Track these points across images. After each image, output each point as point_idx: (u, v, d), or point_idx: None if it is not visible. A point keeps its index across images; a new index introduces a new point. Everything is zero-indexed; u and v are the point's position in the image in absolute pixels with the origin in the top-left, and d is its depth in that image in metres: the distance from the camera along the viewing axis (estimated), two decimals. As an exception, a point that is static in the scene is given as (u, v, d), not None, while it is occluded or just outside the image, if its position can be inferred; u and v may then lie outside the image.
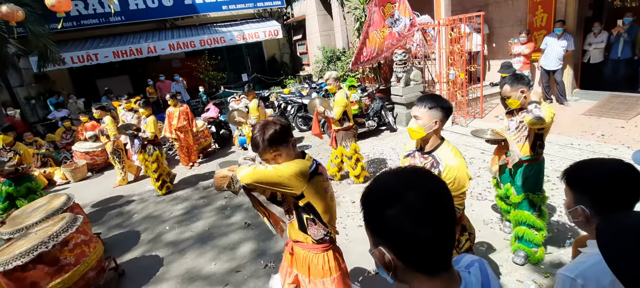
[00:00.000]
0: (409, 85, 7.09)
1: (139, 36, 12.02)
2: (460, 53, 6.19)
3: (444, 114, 1.80)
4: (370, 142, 6.70)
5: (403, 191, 0.70)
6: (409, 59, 7.02)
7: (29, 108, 11.39)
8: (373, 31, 7.43)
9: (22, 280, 2.69)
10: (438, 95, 1.93)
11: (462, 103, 6.52)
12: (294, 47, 15.09)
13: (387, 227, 0.70)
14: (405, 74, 6.96)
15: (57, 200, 3.63)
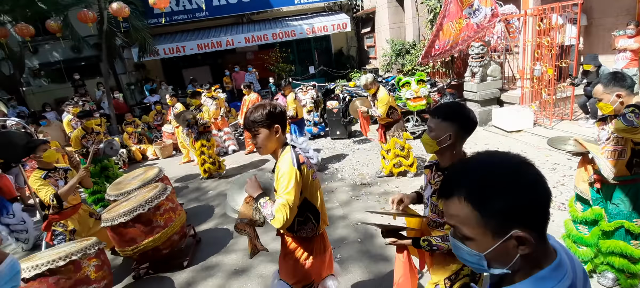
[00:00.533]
0: (485, 81, 6.58)
1: (219, 30, 13.09)
2: (550, 46, 5.54)
3: (460, 127, 1.55)
4: (437, 140, 6.41)
5: (517, 165, 0.71)
6: (487, 53, 6.50)
7: (129, 93, 13.27)
8: (448, 23, 7.02)
9: (123, 235, 3.21)
10: (459, 104, 1.67)
11: (547, 102, 5.85)
12: (361, 40, 14.99)
13: (527, 199, 0.68)
14: (481, 68, 6.47)
15: (151, 171, 4.22)
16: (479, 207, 0.69)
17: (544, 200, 0.70)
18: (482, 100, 6.57)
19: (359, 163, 5.77)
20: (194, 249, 3.80)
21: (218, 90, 8.46)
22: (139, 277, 3.46)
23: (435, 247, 1.61)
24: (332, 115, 7.40)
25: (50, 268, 2.49)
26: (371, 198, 4.44)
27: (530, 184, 0.69)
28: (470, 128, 1.58)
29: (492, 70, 6.57)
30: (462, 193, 0.71)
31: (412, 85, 6.31)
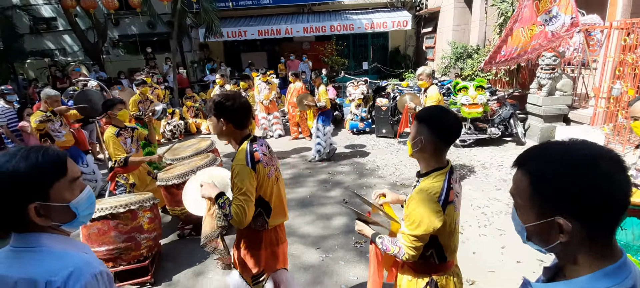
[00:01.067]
0: (552, 96, 6.03)
1: (280, 18, 13.49)
2: (635, 65, 4.91)
3: (432, 132, 1.42)
4: (490, 151, 6.03)
5: (596, 157, 0.70)
6: (559, 65, 5.94)
7: (192, 70, 14.24)
8: (519, 28, 6.52)
9: (174, 196, 3.51)
10: (440, 109, 1.54)
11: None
12: (420, 40, 14.49)
13: (583, 194, 0.68)
14: (551, 81, 5.94)
15: (204, 142, 4.53)
16: (533, 183, 0.73)
17: (609, 199, 0.67)
18: (546, 115, 6.04)
19: (402, 163, 5.65)
20: (233, 220, 4.04)
21: (272, 75, 8.75)
22: (183, 236, 3.78)
23: (383, 247, 1.56)
24: (381, 112, 7.30)
25: (112, 213, 2.83)
26: (410, 200, 4.34)
27: (593, 179, 0.68)
28: (444, 135, 1.44)
29: (563, 85, 5.99)
30: (525, 165, 0.76)
31: (470, 91, 6.00)
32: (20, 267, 0.87)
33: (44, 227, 0.91)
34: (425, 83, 4.34)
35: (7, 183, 0.85)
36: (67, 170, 0.94)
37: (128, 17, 13.80)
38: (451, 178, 1.46)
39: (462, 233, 3.50)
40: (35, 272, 0.85)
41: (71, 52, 14.11)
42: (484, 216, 3.84)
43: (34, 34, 13.56)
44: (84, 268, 0.88)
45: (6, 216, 0.87)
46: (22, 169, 0.86)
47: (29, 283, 0.85)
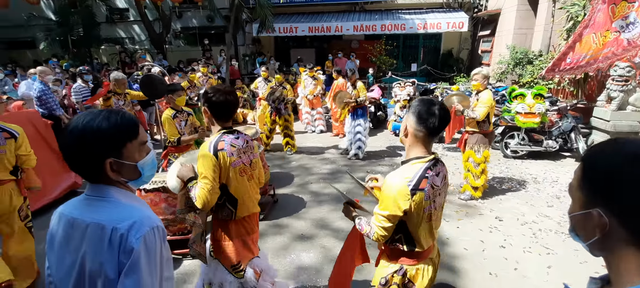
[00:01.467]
0: (623, 110, 5.42)
1: (331, 16, 13.59)
2: None
3: (417, 121, 1.48)
4: (544, 165, 5.58)
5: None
6: (634, 77, 5.32)
7: (244, 63, 14.90)
8: (590, 34, 5.92)
9: (219, 177, 3.73)
10: (428, 100, 1.53)
11: None
12: (476, 43, 13.75)
13: (624, 191, 0.66)
14: (622, 94, 5.34)
15: (249, 130, 4.75)
16: (584, 171, 0.74)
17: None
18: (614, 131, 5.44)
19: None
20: (270, 207, 4.20)
21: (319, 71, 8.88)
22: (224, 217, 3.99)
23: (359, 226, 1.66)
24: (426, 115, 7.07)
25: (163, 186, 3.09)
26: (449, 207, 4.18)
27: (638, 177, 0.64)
28: (427, 126, 1.47)
29: (636, 99, 5.36)
30: (586, 153, 0.76)
31: (527, 99, 5.58)
32: (92, 213, 1.01)
33: (114, 181, 1.05)
34: (479, 85, 4.06)
35: (92, 138, 0.98)
36: (139, 134, 1.08)
37: (190, 11, 14.79)
38: (429, 169, 1.50)
39: (503, 248, 3.31)
40: (104, 219, 0.99)
41: (139, 41, 15.48)
42: (530, 232, 3.58)
43: (109, 23, 15.09)
44: (144, 220, 1.00)
45: (87, 167, 1.02)
46: (104, 128, 0.99)
47: (98, 227, 0.98)
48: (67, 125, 1.01)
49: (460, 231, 3.63)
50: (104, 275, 0.97)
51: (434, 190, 1.52)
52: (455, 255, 3.22)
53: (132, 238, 0.96)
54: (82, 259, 0.99)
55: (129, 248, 0.96)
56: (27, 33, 14.75)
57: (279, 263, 3.13)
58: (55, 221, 1.07)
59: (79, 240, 1.00)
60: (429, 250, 1.62)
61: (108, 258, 0.96)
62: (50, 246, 1.07)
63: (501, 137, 5.98)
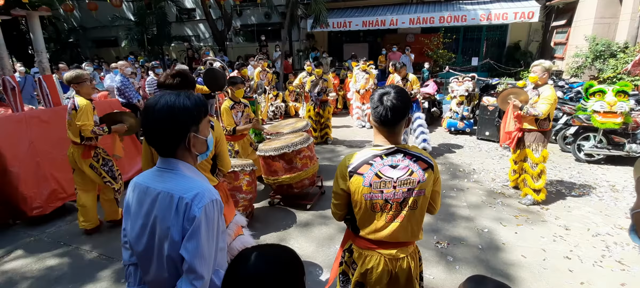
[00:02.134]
0: None
1: (386, 9, 13.27)
2: None
3: (371, 110, 1.53)
4: (625, 171, 4.92)
5: None
6: None
7: (297, 58, 15.24)
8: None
9: (270, 166, 3.92)
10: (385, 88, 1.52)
11: None
12: (548, 35, 12.43)
13: None
14: None
15: (300, 122, 4.90)
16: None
17: None
18: None
19: (504, 171, 5.06)
20: (317, 198, 4.29)
21: (371, 66, 8.77)
22: (273, 205, 4.20)
23: None
24: (486, 112, 6.62)
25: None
26: (507, 210, 3.89)
27: None
28: (374, 114, 1.49)
29: None
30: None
31: (607, 96, 4.94)
32: (163, 182, 1.16)
33: (185, 155, 1.20)
34: (536, 78, 3.66)
35: (180, 112, 1.13)
36: (208, 112, 1.25)
37: (249, 8, 15.51)
38: (379, 157, 1.49)
39: (569, 259, 3.01)
40: (173, 188, 1.13)
41: (203, 38, 16.65)
42: (603, 244, 3.19)
43: (178, 22, 16.44)
44: (206, 193, 1.13)
45: (172, 139, 1.15)
46: (188, 104, 1.15)
47: (168, 196, 1.12)
48: (151, 104, 1.14)
49: (518, 237, 3.37)
50: (170, 238, 1.11)
51: (381, 180, 1.48)
52: (511, 262, 3.00)
53: (195, 207, 1.08)
54: (153, 222, 1.14)
55: (192, 215, 1.08)
56: (111, 33, 16.74)
57: (324, 253, 3.21)
58: (130, 189, 1.24)
59: (151, 206, 1.15)
60: (380, 244, 1.56)
61: (174, 223, 1.10)
62: (126, 211, 1.25)
63: (574, 138, 5.38)
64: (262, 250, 0.93)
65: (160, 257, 1.15)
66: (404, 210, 1.51)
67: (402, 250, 1.57)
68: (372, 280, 1.60)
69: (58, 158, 4.07)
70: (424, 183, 1.50)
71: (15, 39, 14.73)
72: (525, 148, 3.89)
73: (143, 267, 1.22)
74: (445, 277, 2.85)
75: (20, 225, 3.98)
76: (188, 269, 1.10)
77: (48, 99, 4.48)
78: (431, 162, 1.53)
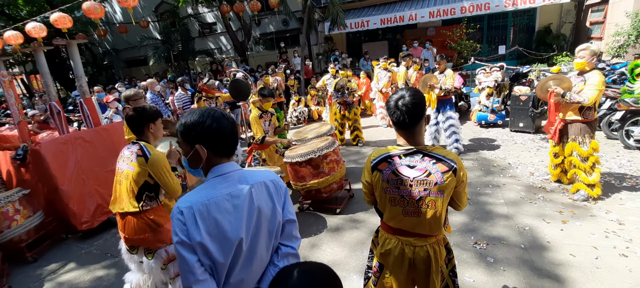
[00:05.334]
0: None
1: (404, 4, 13.01)
2: None
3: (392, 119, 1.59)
4: (685, 157, 4.48)
5: None
6: None
7: (317, 61, 15.27)
8: None
9: (297, 172, 3.91)
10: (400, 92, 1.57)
11: None
12: (582, 15, 11.67)
13: None
14: None
15: (324, 127, 4.86)
16: None
17: None
18: None
19: (543, 164, 4.76)
20: (346, 201, 4.23)
21: (392, 63, 8.60)
22: (302, 210, 4.19)
23: None
24: (518, 102, 6.28)
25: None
26: (550, 206, 3.64)
27: None
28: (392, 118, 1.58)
29: None
30: None
31: (656, 76, 4.54)
32: (246, 179, 1.29)
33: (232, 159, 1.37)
34: (584, 64, 3.36)
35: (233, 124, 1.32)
36: None
37: (267, 17, 15.76)
38: (397, 157, 1.59)
39: (626, 257, 2.76)
40: (259, 178, 1.32)
41: (225, 50, 17.09)
42: (664, 239, 2.91)
43: (201, 37, 17.00)
44: (273, 173, 1.40)
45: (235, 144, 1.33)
46: None
47: (262, 185, 1.31)
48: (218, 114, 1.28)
49: (564, 234, 3.14)
50: (274, 213, 1.33)
51: (397, 178, 1.58)
52: (559, 262, 2.80)
53: (280, 182, 1.38)
54: (258, 208, 1.28)
55: (284, 188, 1.38)
56: (141, 52, 17.58)
57: (356, 258, 3.14)
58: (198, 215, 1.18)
59: (248, 200, 1.26)
60: (399, 231, 1.69)
61: (276, 200, 1.34)
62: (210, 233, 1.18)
63: (621, 124, 4.98)
64: (305, 266, 0.97)
65: (267, 239, 1.31)
66: (421, 207, 1.58)
67: (420, 240, 1.65)
68: (389, 263, 1.73)
69: (101, 175, 4.31)
70: (443, 185, 1.53)
71: (57, 65, 15.81)
72: (570, 142, 3.60)
73: (244, 266, 1.27)
74: (486, 279, 2.70)
75: (71, 239, 4.26)
76: (294, 227, 1.40)
77: (89, 120, 4.73)
78: (455, 165, 1.54)
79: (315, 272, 0.95)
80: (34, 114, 5.80)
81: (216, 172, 1.27)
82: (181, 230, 1.16)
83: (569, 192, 3.82)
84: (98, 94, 7.06)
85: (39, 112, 5.80)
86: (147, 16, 16.26)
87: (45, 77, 4.69)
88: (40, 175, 4.09)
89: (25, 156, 4.11)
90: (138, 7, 16.32)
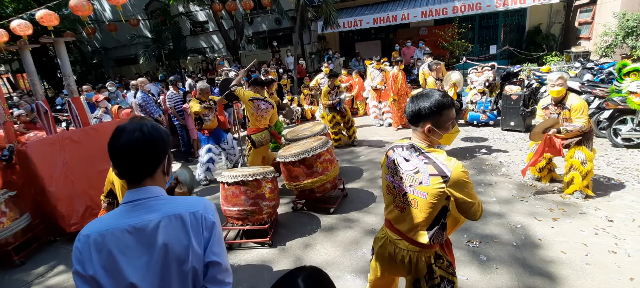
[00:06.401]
0: None
1: (397, 4, 13.05)
2: None
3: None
4: (671, 155, 4.58)
5: None
6: None
7: (310, 61, 15.24)
8: None
9: (291, 171, 3.89)
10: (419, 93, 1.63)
11: None
12: (571, 15, 11.86)
13: None
14: None
15: (318, 126, 4.85)
16: None
17: None
18: None
19: (534, 162, 4.81)
20: (340, 201, 4.22)
21: (385, 63, 8.63)
22: (296, 210, 4.17)
23: None
24: (510, 102, 6.35)
25: (243, 180, 3.34)
26: (541, 204, 3.69)
27: None
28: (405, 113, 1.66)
29: None
30: None
31: (643, 76, 4.63)
32: (155, 211, 1.08)
33: (160, 179, 1.17)
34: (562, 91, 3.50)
35: (164, 133, 1.16)
36: None
37: (260, 16, 15.66)
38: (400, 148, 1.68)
39: (614, 253, 2.81)
40: (176, 209, 1.11)
41: (217, 49, 16.94)
42: (651, 235, 2.97)
43: (192, 36, 16.81)
44: (207, 202, 1.19)
45: (159, 161, 1.14)
46: (162, 130, 1.17)
47: (173, 218, 1.09)
48: (136, 127, 1.10)
49: (555, 231, 3.18)
50: (191, 254, 1.09)
51: (394, 167, 1.68)
52: (550, 259, 2.83)
53: (209, 215, 1.15)
54: (164, 249, 1.06)
55: (209, 223, 1.14)
56: (131, 51, 17.33)
57: (350, 257, 3.14)
58: (93, 245, 1.04)
59: (152, 237, 1.06)
60: (388, 224, 1.77)
61: (194, 237, 1.10)
62: (104, 268, 1.03)
63: (609, 123, 5.07)
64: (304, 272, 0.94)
65: (179, 284, 1.09)
66: (405, 203, 1.64)
67: (400, 240, 1.69)
68: (376, 250, 1.84)
69: (90, 176, 4.21)
70: (427, 187, 1.53)
71: (44, 64, 15.49)
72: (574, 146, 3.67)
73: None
74: (479, 277, 2.71)
75: (60, 242, 4.17)
76: (219, 270, 1.13)
77: (77, 119, 4.64)
78: (448, 174, 1.48)
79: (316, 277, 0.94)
80: (20, 114, 5.66)
81: (126, 198, 1.11)
82: (77, 259, 1.03)
83: (563, 193, 3.83)
84: (87, 93, 6.93)
85: (25, 112, 5.67)
86: (137, 14, 16.03)
87: (32, 75, 4.59)
88: (27, 177, 4.00)
89: (11, 157, 4.01)
90: (128, 5, 16.06)
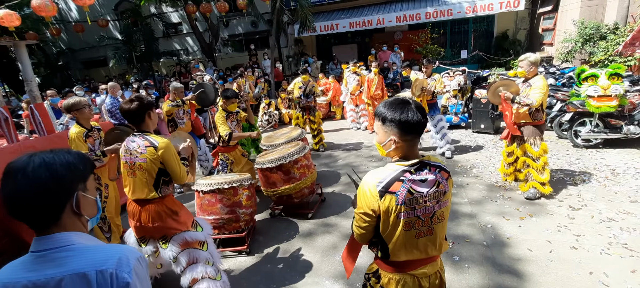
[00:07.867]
0: None
1: (372, 8, 13.29)
2: None
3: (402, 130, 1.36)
4: (624, 154, 4.92)
5: None
6: None
7: (287, 64, 15.21)
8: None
9: (268, 178, 3.86)
10: (404, 100, 1.40)
11: None
12: (535, 22, 12.53)
13: None
14: None
15: (295, 131, 4.84)
16: None
17: None
18: None
19: (503, 163, 5.04)
20: (318, 206, 4.24)
21: (361, 67, 8.75)
22: (274, 216, 4.14)
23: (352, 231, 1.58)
24: (479, 105, 6.62)
25: (219, 188, 3.28)
26: (510, 204, 3.86)
27: None
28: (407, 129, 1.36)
29: None
30: None
31: (601, 80, 4.94)
32: (59, 267, 0.90)
33: (72, 224, 0.98)
34: (524, 73, 3.73)
35: (65, 168, 0.94)
36: (94, 166, 1.05)
37: (236, 18, 15.47)
38: (408, 173, 1.38)
39: (575, 249, 2.98)
40: (82, 266, 0.90)
41: (192, 52, 16.57)
42: (608, 231, 3.17)
43: (165, 38, 16.36)
44: (129, 253, 0.97)
45: (59, 204, 0.94)
46: (71, 159, 0.97)
47: (77, 277, 0.89)
48: (20, 166, 0.91)
49: (522, 230, 3.34)
50: None
51: (412, 197, 1.37)
52: (518, 257, 2.97)
53: (124, 274, 0.92)
54: None
55: (123, 283, 0.92)
56: (100, 53, 16.63)
57: (328, 262, 3.15)
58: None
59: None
60: (411, 264, 1.47)
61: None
62: None
63: (570, 125, 5.39)
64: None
65: None
66: (433, 224, 1.44)
67: (432, 266, 1.51)
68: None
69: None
70: (449, 193, 1.46)
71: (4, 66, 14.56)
72: (524, 143, 3.89)
73: None
74: (452, 277, 2.80)
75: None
76: None
77: (41, 127, 4.39)
78: (448, 169, 1.52)
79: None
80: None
81: (31, 247, 0.94)
82: None
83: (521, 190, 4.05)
84: (52, 99, 6.58)
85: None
86: (106, 15, 15.40)
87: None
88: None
89: (-34, 168, 3.73)
90: (96, 5, 15.39)
